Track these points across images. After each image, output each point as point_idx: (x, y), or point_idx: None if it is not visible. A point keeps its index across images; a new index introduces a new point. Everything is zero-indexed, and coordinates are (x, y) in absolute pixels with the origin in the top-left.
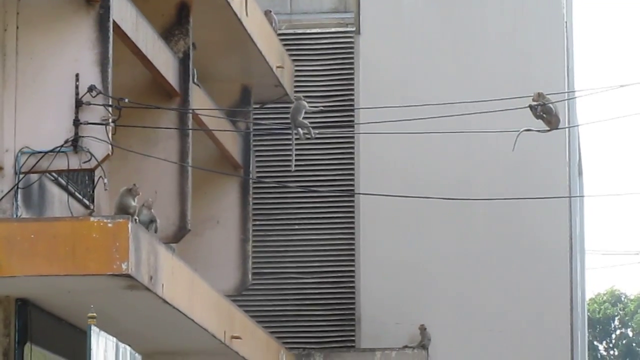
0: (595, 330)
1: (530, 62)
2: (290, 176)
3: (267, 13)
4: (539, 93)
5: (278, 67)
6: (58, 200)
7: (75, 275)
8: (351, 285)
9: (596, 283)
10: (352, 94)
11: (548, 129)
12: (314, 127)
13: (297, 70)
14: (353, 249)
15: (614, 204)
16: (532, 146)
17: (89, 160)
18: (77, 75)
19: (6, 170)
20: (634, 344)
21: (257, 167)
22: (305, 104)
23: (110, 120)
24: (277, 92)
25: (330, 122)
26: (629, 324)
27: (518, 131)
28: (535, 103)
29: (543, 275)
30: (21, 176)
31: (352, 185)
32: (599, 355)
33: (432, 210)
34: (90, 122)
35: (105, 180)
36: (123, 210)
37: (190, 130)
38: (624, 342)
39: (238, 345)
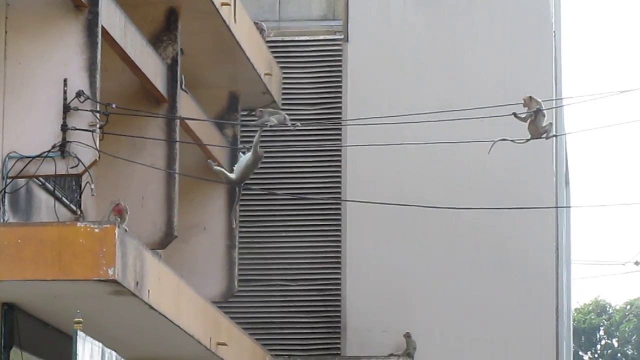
0: (581, 341)
1: (519, 72)
2: (277, 183)
3: (255, 23)
4: (530, 97)
5: (266, 74)
6: (45, 205)
7: (61, 280)
8: (337, 292)
9: (581, 293)
10: (340, 102)
11: (525, 139)
12: (301, 135)
13: (285, 78)
14: (339, 257)
15: (600, 214)
16: (519, 156)
17: (76, 166)
18: (65, 80)
19: None
20: (619, 354)
21: None
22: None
23: (97, 126)
24: (264, 99)
25: (318, 129)
26: (614, 334)
27: (506, 140)
28: (524, 112)
29: (529, 285)
30: (8, 181)
31: (339, 192)
32: None
33: (418, 219)
34: (77, 127)
35: (92, 186)
36: None
37: (177, 137)
38: (609, 352)
39: (224, 351)
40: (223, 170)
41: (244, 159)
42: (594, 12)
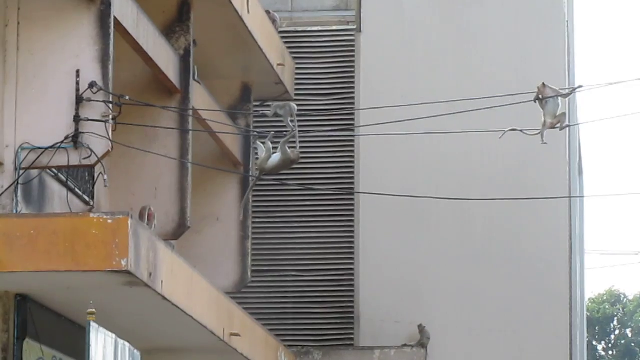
0: (594, 330)
1: (531, 61)
2: (290, 174)
3: (267, 13)
4: (543, 84)
5: (279, 64)
6: (58, 196)
7: (74, 271)
8: (350, 283)
9: (595, 283)
10: (353, 92)
11: (538, 130)
12: (314, 125)
13: (297, 68)
14: (352, 248)
15: (614, 204)
16: (532, 146)
17: (89, 157)
18: (77, 71)
19: (6, 166)
20: (632, 344)
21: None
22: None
23: (110, 117)
24: (277, 90)
25: (331, 120)
26: (628, 324)
27: (519, 130)
28: (547, 96)
29: (542, 275)
30: (21, 172)
31: (352, 183)
32: (597, 355)
33: (431, 209)
34: (90, 118)
35: (105, 177)
36: None
37: (190, 127)
38: (622, 342)
39: (237, 342)
40: (262, 157)
41: (275, 157)
42: (607, 0)
